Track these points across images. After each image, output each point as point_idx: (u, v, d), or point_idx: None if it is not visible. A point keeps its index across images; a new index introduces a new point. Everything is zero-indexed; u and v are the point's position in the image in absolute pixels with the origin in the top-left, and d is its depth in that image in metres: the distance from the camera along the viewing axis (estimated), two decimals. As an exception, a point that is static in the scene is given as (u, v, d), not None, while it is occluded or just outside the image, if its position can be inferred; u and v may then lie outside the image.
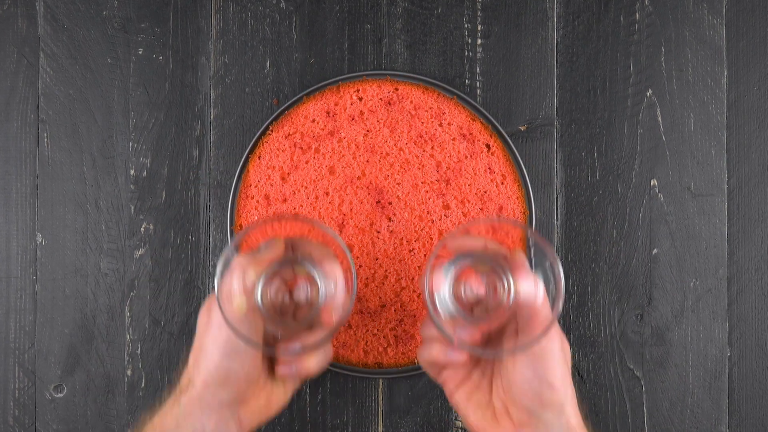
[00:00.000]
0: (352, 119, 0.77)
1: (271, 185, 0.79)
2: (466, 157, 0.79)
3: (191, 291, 0.81)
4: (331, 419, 0.81)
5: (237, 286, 0.60)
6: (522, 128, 0.82)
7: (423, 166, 0.79)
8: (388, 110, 0.79)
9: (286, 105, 0.80)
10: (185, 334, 0.81)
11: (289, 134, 0.79)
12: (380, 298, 0.76)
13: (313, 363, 0.62)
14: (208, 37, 0.82)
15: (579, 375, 0.81)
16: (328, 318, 0.62)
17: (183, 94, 0.82)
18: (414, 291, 0.78)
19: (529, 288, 0.60)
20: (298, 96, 0.80)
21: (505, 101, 0.82)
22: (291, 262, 0.64)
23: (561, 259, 0.82)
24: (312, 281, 0.64)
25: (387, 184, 0.77)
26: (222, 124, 0.82)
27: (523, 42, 0.82)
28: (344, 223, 0.78)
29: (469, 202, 0.79)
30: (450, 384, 0.64)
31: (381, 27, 0.82)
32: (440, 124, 0.79)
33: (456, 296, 0.64)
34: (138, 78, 0.82)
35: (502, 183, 0.79)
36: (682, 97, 0.82)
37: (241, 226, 0.79)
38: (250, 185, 0.79)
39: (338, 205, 0.76)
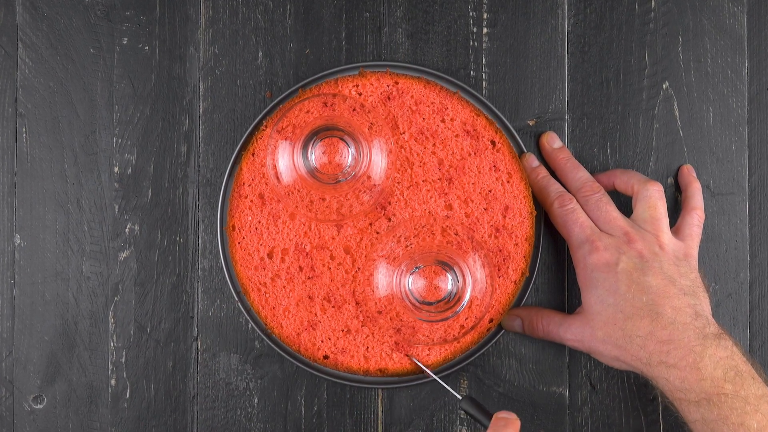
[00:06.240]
0: (353, 110, 0.77)
1: (266, 184, 0.79)
2: (470, 155, 0.79)
3: (179, 295, 0.81)
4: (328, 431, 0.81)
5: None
6: (530, 123, 0.82)
7: (424, 164, 0.79)
8: (387, 106, 0.79)
9: (279, 98, 0.80)
10: (172, 341, 0.81)
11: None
12: (375, 303, 0.76)
13: None
14: (196, 26, 0.82)
15: (591, 385, 0.81)
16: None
17: (170, 87, 0.82)
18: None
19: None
20: (292, 88, 0.80)
21: (513, 94, 0.82)
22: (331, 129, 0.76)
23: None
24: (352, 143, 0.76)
25: (386, 182, 0.77)
26: (212, 118, 0.82)
27: (531, 31, 0.82)
28: (343, 223, 0.78)
29: (472, 201, 0.79)
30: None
31: (381, 15, 0.82)
32: (443, 120, 0.79)
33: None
34: (122, 69, 0.82)
35: (508, 181, 0.79)
36: (700, 89, 0.82)
37: (233, 226, 0.79)
38: (244, 184, 0.79)
39: (337, 208, 0.76)
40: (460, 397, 0.75)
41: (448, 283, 0.75)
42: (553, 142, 0.81)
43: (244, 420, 0.82)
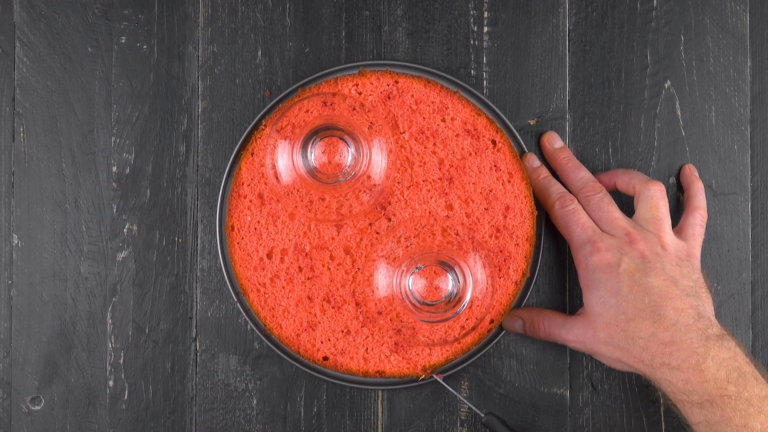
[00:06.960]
0: (353, 110, 0.76)
1: (265, 184, 0.78)
2: (471, 154, 0.79)
3: (177, 296, 0.81)
4: (327, 433, 0.81)
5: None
6: (531, 122, 0.82)
7: (424, 163, 0.79)
8: (387, 105, 0.79)
9: (279, 97, 0.79)
10: (171, 342, 0.81)
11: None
12: (376, 304, 0.76)
13: None
14: (195, 25, 0.82)
15: (592, 386, 0.81)
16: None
17: (169, 86, 0.81)
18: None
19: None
20: (292, 88, 0.80)
21: (514, 93, 0.82)
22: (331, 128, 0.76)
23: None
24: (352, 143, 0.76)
25: (386, 182, 0.77)
26: (210, 117, 0.81)
27: (532, 30, 0.82)
28: (343, 224, 0.78)
29: (473, 201, 0.79)
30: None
31: (381, 14, 0.82)
32: (443, 120, 0.79)
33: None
34: (121, 68, 0.81)
35: (509, 181, 0.79)
36: (702, 88, 0.82)
37: (232, 226, 0.79)
38: (243, 184, 0.79)
39: (336, 208, 0.76)
40: (483, 414, 0.77)
41: (448, 284, 0.75)
42: (554, 141, 0.81)
43: (243, 421, 0.81)
